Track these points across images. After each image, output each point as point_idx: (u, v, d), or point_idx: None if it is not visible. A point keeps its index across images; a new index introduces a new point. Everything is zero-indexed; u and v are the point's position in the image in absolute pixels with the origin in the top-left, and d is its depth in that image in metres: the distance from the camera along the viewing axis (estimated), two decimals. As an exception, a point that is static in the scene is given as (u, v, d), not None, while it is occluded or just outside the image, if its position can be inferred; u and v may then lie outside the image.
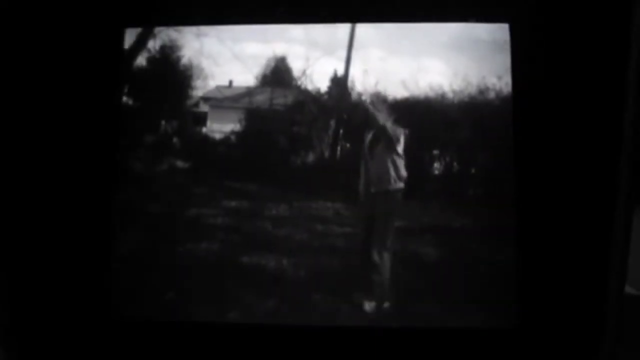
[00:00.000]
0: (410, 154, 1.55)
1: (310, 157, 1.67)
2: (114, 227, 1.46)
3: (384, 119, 1.58)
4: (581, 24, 1.25)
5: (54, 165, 1.37)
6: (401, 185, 1.57)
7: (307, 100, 1.64)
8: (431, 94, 1.51)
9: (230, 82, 1.65)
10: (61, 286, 1.37)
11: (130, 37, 1.52)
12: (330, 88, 1.62)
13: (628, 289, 1.27)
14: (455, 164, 1.57)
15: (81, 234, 1.39)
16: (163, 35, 1.56)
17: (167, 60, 1.60)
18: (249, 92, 1.67)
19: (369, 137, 1.61)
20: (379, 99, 1.56)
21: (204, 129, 1.72)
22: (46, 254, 1.36)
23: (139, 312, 1.45)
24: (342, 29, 1.50)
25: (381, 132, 1.59)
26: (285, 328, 1.43)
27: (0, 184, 1.32)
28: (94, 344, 1.38)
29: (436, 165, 1.59)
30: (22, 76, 1.34)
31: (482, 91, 1.48)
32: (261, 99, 1.68)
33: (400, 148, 1.58)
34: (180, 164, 1.62)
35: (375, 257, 1.56)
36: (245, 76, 1.59)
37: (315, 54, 1.54)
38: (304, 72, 1.58)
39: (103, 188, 1.43)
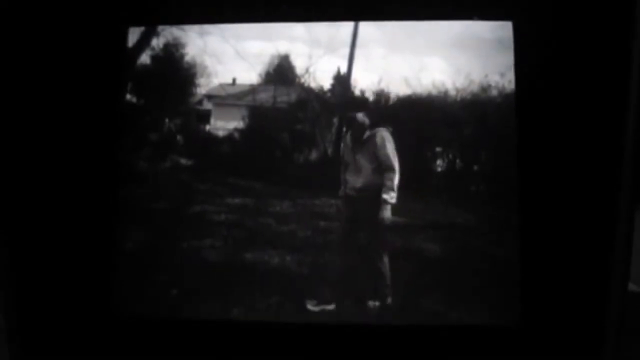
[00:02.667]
0: (412, 152, 1.55)
1: (314, 155, 1.68)
2: (118, 224, 1.46)
3: (362, 119, 1.60)
4: (584, 21, 1.26)
5: (58, 163, 1.38)
6: (389, 191, 1.58)
7: (310, 98, 1.64)
8: (434, 91, 1.51)
9: (234, 80, 1.66)
10: (66, 283, 1.38)
11: (133, 35, 1.52)
12: (333, 86, 1.62)
13: (631, 286, 1.28)
14: (458, 161, 1.57)
15: (86, 231, 1.40)
16: (166, 33, 1.57)
17: (171, 58, 1.60)
18: (252, 89, 1.67)
19: (347, 138, 1.62)
20: (357, 99, 1.57)
21: (208, 127, 1.73)
22: (51, 251, 1.37)
23: (143, 308, 1.46)
24: (344, 27, 1.50)
25: (359, 130, 1.60)
26: (288, 325, 1.43)
27: (5, 182, 1.33)
28: (98, 340, 1.39)
29: (439, 162, 1.58)
30: (27, 75, 1.35)
31: (485, 89, 1.48)
32: (264, 96, 1.68)
33: (386, 148, 1.58)
34: (184, 161, 1.63)
35: (378, 263, 1.56)
36: (249, 74, 1.60)
37: (318, 52, 1.54)
38: (307, 70, 1.58)
39: (107, 185, 1.44)
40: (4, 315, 1.33)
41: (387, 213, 1.59)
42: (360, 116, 1.61)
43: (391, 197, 1.57)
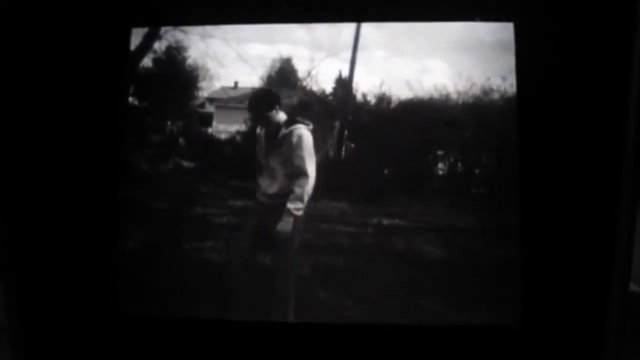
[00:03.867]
0: (413, 154, 1.56)
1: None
2: (120, 225, 1.46)
3: (276, 115, 1.54)
4: (586, 22, 1.27)
5: (60, 164, 1.38)
6: (296, 200, 1.48)
7: (312, 101, 1.65)
8: (435, 94, 1.52)
9: (236, 83, 1.66)
10: (68, 283, 1.38)
11: (136, 37, 1.53)
12: (335, 89, 1.63)
13: (632, 286, 1.28)
14: (459, 164, 1.58)
15: (88, 232, 1.40)
16: (169, 36, 1.57)
17: (173, 61, 1.61)
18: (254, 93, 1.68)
19: (261, 137, 1.56)
20: (271, 93, 1.52)
21: (210, 129, 1.73)
22: (53, 251, 1.37)
23: (145, 309, 1.46)
24: (346, 30, 1.51)
25: (274, 128, 1.51)
26: (290, 325, 1.43)
27: (7, 181, 1.33)
28: (99, 340, 1.39)
29: (440, 165, 1.59)
30: (29, 76, 1.35)
31: (487, 92, 1.49)
32: (267, 99, 1.69)
33: (301, 149, 1.52)
34: (186, 163, 1.63)
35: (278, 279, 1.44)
36: (251, 77, 1.60)
37: (319, 55, 1.55)
38: (309, 73, 1.59)
39: (110, 187, 1.43)
40: (5, 314, 1.32)
41: (287, 225, 1.46)
42: (274, 112, 1.53)
43: (297, 208, 1.46)
